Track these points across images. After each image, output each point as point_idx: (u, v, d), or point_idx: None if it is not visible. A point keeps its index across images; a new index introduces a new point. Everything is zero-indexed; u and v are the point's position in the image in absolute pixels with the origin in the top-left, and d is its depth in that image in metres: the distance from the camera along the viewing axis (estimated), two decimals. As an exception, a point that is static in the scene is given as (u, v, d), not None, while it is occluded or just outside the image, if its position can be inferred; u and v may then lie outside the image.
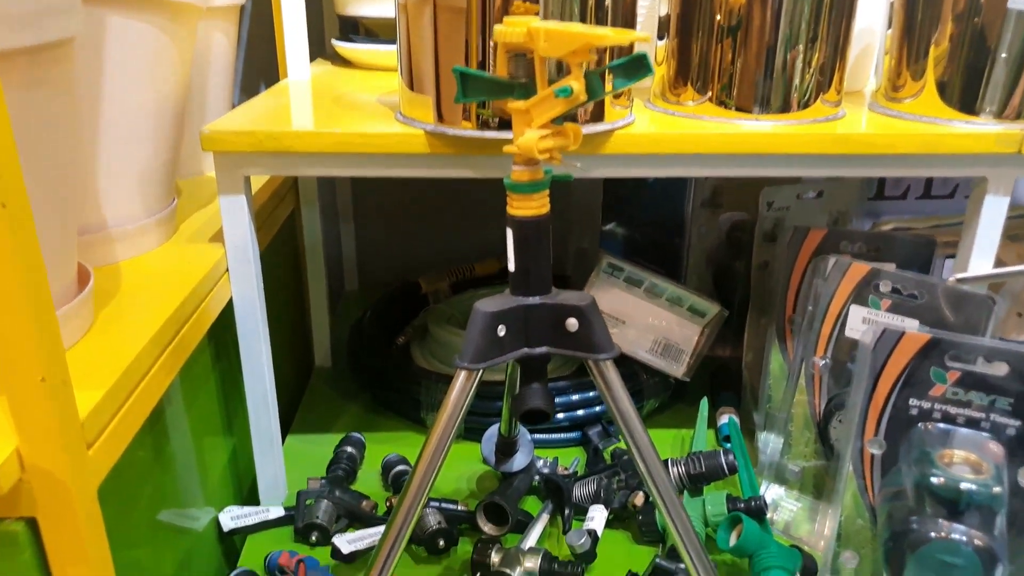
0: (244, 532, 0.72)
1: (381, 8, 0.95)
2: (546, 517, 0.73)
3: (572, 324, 0.52)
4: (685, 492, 0.74)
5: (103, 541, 0.47)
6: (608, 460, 0.80)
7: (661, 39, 0.70)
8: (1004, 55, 0.63)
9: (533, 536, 0.70)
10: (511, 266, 0.52)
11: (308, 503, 0.72)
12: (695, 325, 0.84)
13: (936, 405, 0.58)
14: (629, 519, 0.73)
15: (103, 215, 0.66)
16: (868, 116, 0.71)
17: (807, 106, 0.67)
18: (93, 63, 0.61)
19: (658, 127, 0.66)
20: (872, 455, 0.60)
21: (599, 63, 0.58)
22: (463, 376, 0.52)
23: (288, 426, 0.88)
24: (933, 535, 0.54)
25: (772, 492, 0.74)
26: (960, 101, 0.67)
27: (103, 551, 0.47)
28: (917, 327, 0.64)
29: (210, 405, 0.70)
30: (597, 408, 0.85)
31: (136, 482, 0.55)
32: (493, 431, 0.75)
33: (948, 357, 0.56)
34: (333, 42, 0.96)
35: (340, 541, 0.68)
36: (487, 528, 0.70)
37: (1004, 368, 0.57)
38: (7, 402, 0.41)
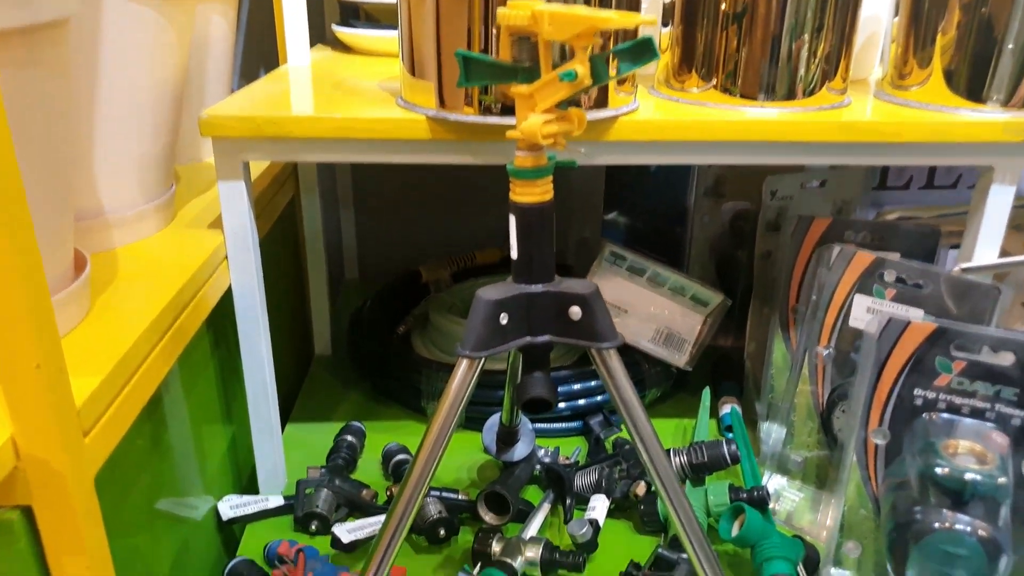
0: (243, 521, 0.72)
1: (382, -8, 0.94)
2: (547, 507, 0.72)
3: (575, 312, 0.51)
4: (687, 482, 0.74)
5: (100, 530, 0.46)
6: (610, 450, 0.80)
7: (666, 26, 0.69)
8: (1011, 44, 0.62)
9: (534, 526, 0.70)
10: (514, 253, 0.52)
11: (308, 492, 0.71)
12: (698, 315, 0.84)
13: (941, 395, 0.57)
14: (631, 509, 0.73)
15: (100, 201, 0.65)
16: (874, 104, 0.70)
17: (812, 93, 0.67)
18: (89, 45, 0.60)
19: (662, 114, 0.65)
20: (876, 445, 0.60)
21: (604, 47, 0.57)
22: (464, 364, 0.52)
23: (288, 415, 0.88)
24: (937, 525, 0.54)
25: (774, 482, 0.74)
26: (967, 89, 0.66)
27: (100, 540, 0.47)
28: (922, 317, 0.64)
29: (209, 393, 0.70)
30: (599, 398, 0.85)
31: (134, 471, 0.55)
32: (494, 420, 0.74)
33: (954, 347, 0.56)
34: (333, 27, 0.95)
35: (340, 530, 0.67)
36: (488, 517, 0.70)
37: (1010, 358, 0.56)
38: (2, 390, 0.41)
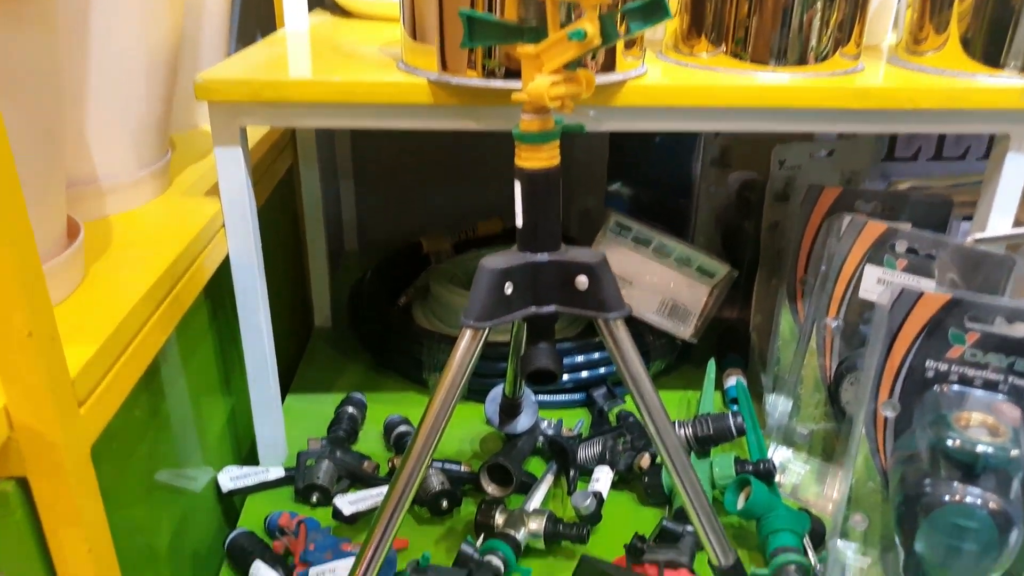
0: (243, 493, 0.71)
1: (381, -45, 0.92)
2: (550, 478, 0.72)
3: (582, 282, 0.50)
4: (692, 454, 0.73)
5: (97, 501, 0.46)
6: (613, 422, 0.79)
7: (675, -12, 0.67)
8: (1030, 7, 0.60)
9: (537, 497, 0.69)
10: (519, 221, 0.50)
11: (309, 464, 0.70)
12: (704, 286, 0.83)
13: (953, 367, 0.56)
14: (634, 481, 0.72)
15: (94, 167, 0.64)
16: (888, 70, 0.68)
17: (825, 59, 0.65)
18: (78, 5, 0.58)
19: (671, 79, 0.63)
20: (885, 417, 0.59)
21: (613, 6, 0.55)
22: (468, 335, 0.51)
23: (288, 386, 0.87)
24: (947, 498, 0.53)
25: (780, 455, 0.73)
26: (984, 55, 0.64)
27: (97, 511, 0.46)
28: (934, 287, 0.62)
29: (207, 364, 0.68)
30: (602, 370, 0.84)
31: (131, 441, 0.54)
32: (497, 392, 0.73)
33: (968, 317, 0.55)
34: (332, -9, 0.93)
35: (341, 502, 0.67)
36: (491, 489, 0.69)
37: (1025, 329, 0.55)
38: (-7, 358, 0.39)
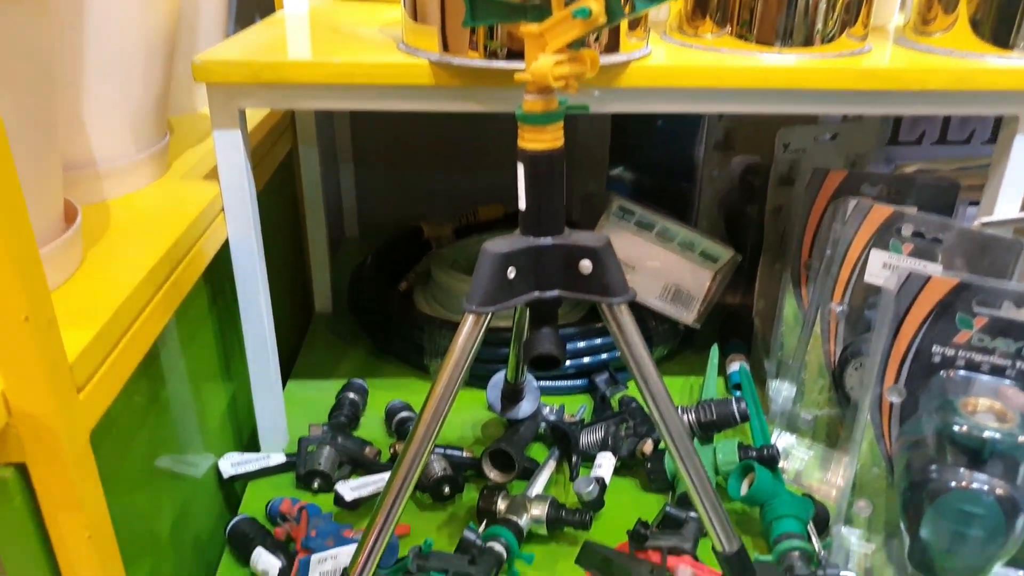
0: (244, 479, 0.71)
1: (381, -64, 0.90)
2: (553, 464, 0.71)
3: (586, 266, 0.49)
4: (695, 441, 0.73)
5: (97, 488, 0.45)
6: (615, 408, 0.78)
7: (679, -33, 0.66)
8: (1041, -13, 0.60)
9: (540, 483, 0.69)
10: (522, 204, 0.50)
11: (310, 449, 0.70)
12: (707, 271, 0.82)
13: (960, 352, 0.56)
14: (637, 467, 0.72)
15: (91, 151, 0.63)
16: (896, 51, 0.67)
17: (831, 40, 0.64)
18: (75, -15, 0.57)
19: (676, 60, 0.62)
20: (891, 403, 0.59)
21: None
22: (471, 320, 0.50)
23: (289, 372, 0.87)
24: (953, 484, 0.53)
25: (783, 440, 0.73)
26: (993, 35, 0.63)
27: (97, 498, 0.45)
28: (941, 272, 0.62)
29: (208, 349, 0.68)
30: (604, 355, 0.84)
31: (131, 427, 0.53)
32: (499, 377, 0.73)
33: (976, 302, 0.54)
34: (331, -28, 0.91)
35: (343, 488, 0.66)
36: (493, 475, 0.69)
37: (1033, 314, 0.54)
38: (-10, 343, 0.39)
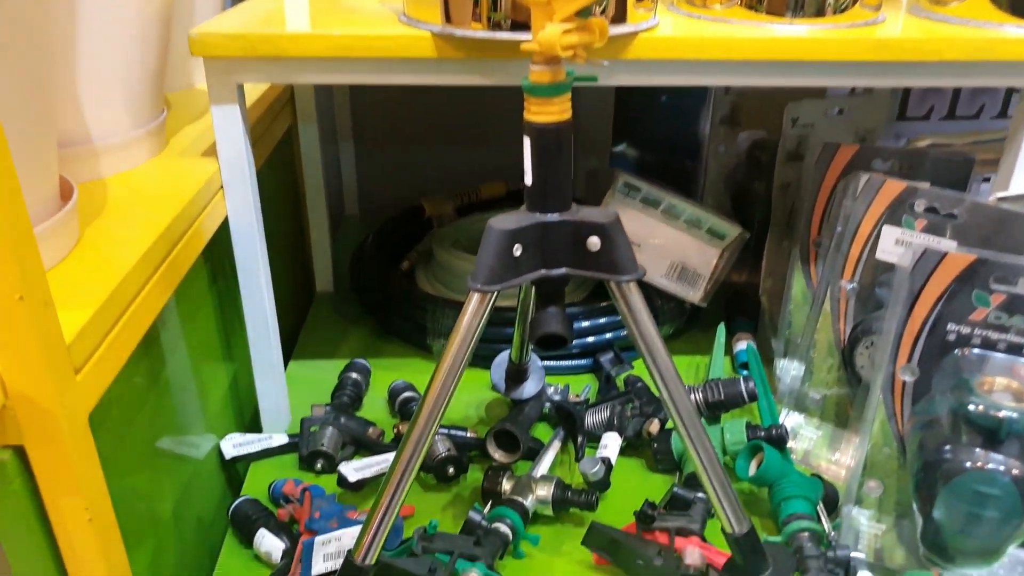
0: (247, 460, 0.70)
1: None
2: (558, 444, 0.70)
3: (594, 243, 0.48)
4: (702, 420, 0.72)
5: (97, 470, 0.44)
6: (621, 387, 0.77)
7: (688, -66, 0.65)
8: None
9: (545, 463, 0.68)
10: (528, 179, 0.48)
11: (313, 430, 0.69)
12: (714, 248, 0.81)
13: (976, 330, 0.55)
14: (643, 447, 0.71)
15: (86, 127, 0.61)
16: (910, 20, 0.66)
17: (844, 10, 0.62)
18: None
19: (684, 31, 0.61)
20: (904, 382, 0.58)
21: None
22: (476, 299, 0.49)
23: (290, 352, 0.86)
24: (968, 465, 0.52)
25: (791, 420, 0.72)
26: (1011, 4, 0.62)
27: (97, 480, 0.45)
28: (955, 248, 0.60)
29: (208, 329, 0.67)
30: (608, 335, 0.83)
31: (131, 409, 0.52)
32: (503, 357, 0.72)
33: (994, 279, 0.53)
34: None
35: (346, 469, 0.65)
36: (498, 456, 0.68)
37: (1051, 291, 0.53)
38: (-17, 323, 0.38)
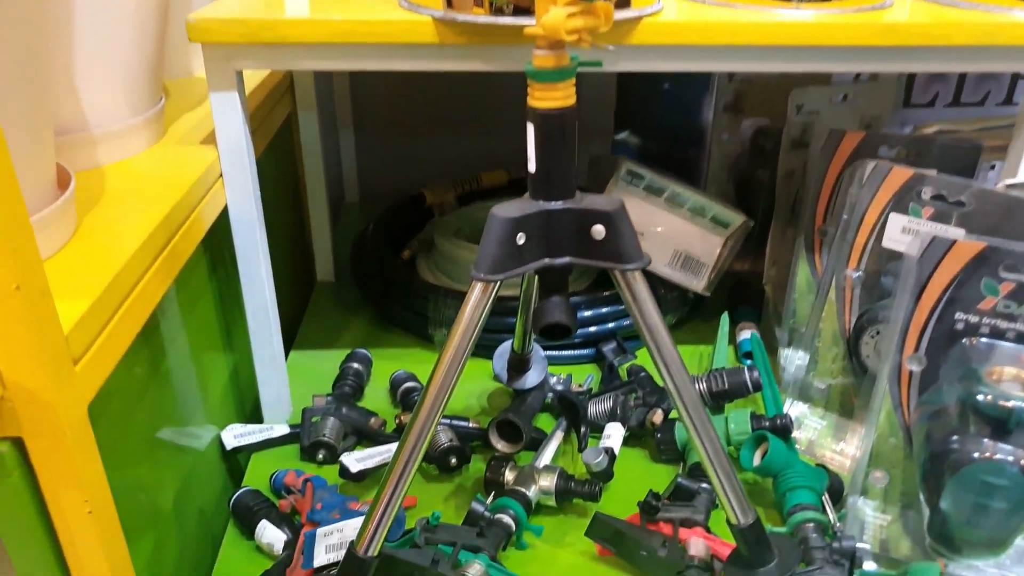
0: (248, 450, 0.70)
1: None
2: (560, 434, 0.70)
3: (598, 231, 0.48)
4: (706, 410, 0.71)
5: (96, 462, 0.44)
6: (624, 377, 0.77)
7: (693, -83, 0.64)
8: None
9: (548, 454, 0.67)
10: (531, 166, 0.48)
11: (314, 420, 0.69)
12: (717, 237, 0.80)
13: (985, 319, 0.54)
14: (646, 437, 0.71)
15: (84, 115, 0.61)
16: (918, 4, 0.65)
17: (851, -6, 0.61)
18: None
19: (689, 16, 0.60)
20: (911, 372, 0.57)
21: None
22: (479, 288, 0.48)
23: (291, 342, 0.85)
24: (976, 455, 0.51)
25: (795, 410, 0.72)
26: (1020, -12, 0.61)
27: (97, 472, 0.44)
28: (963, 235, 0.60)
29: (208, 319, 0.66)
30: (611, 324, 0.82)
31: (131, 400, 0.52)
32: (505, 347, 0.72)
33: (1003, 267, 0.52)
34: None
35: (348, 459, 0.65)
36: (500, 446, 0.68)
37: (1060, 279, 0.53)
38: (-21, 314, 0.37)
